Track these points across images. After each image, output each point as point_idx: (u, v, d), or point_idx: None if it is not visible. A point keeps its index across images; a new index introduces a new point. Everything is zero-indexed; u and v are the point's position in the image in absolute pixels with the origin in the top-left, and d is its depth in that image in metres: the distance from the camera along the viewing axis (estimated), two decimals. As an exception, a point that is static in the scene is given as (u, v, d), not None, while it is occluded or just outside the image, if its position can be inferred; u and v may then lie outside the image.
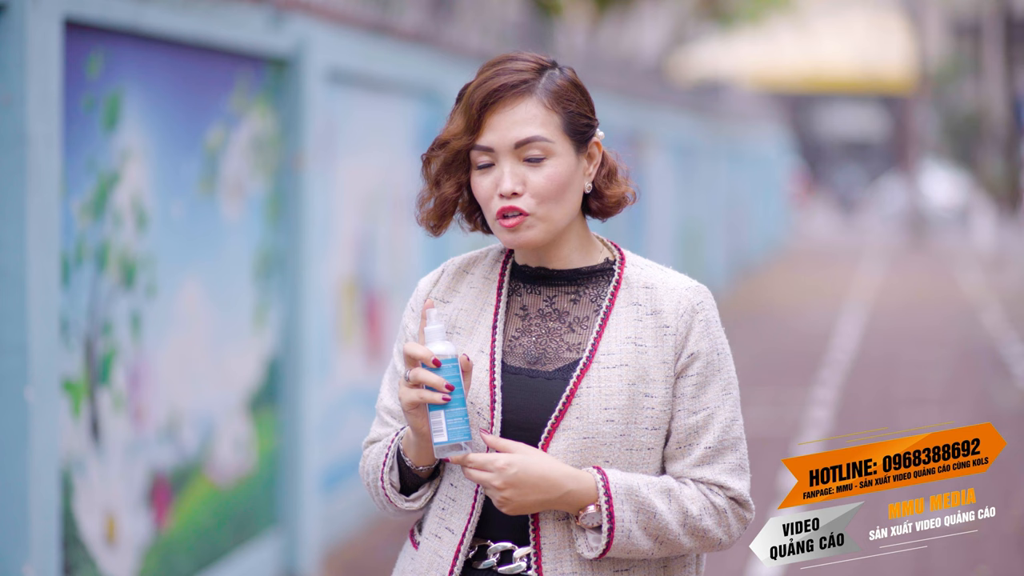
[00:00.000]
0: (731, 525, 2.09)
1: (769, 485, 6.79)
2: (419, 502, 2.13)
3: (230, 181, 4.95)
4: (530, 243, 2.08)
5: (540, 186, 2.05)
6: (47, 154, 3.68)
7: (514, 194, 2.05)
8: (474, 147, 2.07)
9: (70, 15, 3.85)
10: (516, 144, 2.05)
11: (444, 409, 2.00)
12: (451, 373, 2.01)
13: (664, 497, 2.05)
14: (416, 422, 2.04)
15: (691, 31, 21.29)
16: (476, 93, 2.06)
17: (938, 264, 20.70)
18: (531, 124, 2.05)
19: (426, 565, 2.12)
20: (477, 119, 2.05)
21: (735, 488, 2.09)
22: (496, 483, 2.00)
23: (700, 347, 2.09)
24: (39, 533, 3.66)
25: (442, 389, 2.00)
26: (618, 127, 10.57)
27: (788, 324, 13.49)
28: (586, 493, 2.03)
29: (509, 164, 2.06)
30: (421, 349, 2.02)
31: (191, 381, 4.63)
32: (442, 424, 2.01)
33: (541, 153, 2.06)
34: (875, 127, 44.31)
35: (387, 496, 2.14)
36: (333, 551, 5.74)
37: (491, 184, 2.07)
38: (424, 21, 7.15)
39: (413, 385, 2.02)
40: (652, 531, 2.04)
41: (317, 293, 5.54)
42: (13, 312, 3.62)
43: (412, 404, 2.02)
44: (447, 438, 2.00)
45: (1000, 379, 10.01)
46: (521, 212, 2.06)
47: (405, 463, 2.12)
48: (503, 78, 2.06)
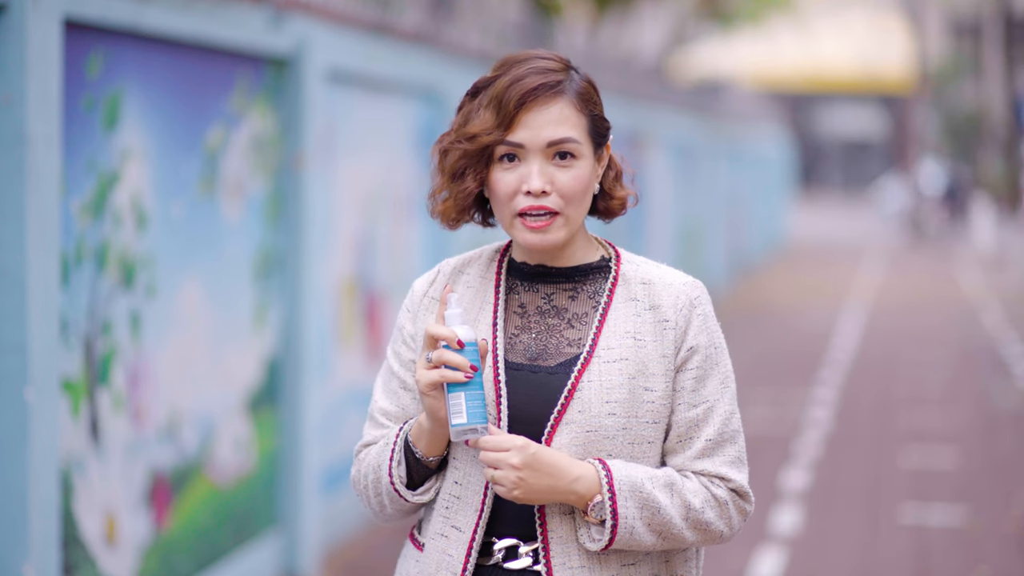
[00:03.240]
0: (732, 517, 2.11)
1: (769, 485, 6.79)
2: (428, 495, 2.13)
3: (230, 181, 4.95)
4: (553, 245, 2.09)
5: (568, 187, 2.07)
6: (47, 154, 3.68)
7: (543, 192, 2.06)
8: (504, 143, 2.07)
9: (70, 15, 3.85)
10: (549, 143, 2.07)
11: (465, 390, 2.01)
12: (472, 356, 2.03)
13: (667, 491, 2.06)
14: (433, 404, 2.05)
15: (691, 31, 21.30)
16: (511, 90, 2.06)
17: (938, 264, 20.70)
18: (564, 125, 2.07)
19: (434, 565, 2.12)
20: (512, 116, 2.06)
21: (736, 480, 2.11)
22: (514, 461, 2.01)
23: (699, 341, 2.12)
24: (39, 533, 3.66)
25: (466, 368, 2.01)
26: (618, 127, 10.56)
27: (788, 324, 13.49)
28: (593, 483, 2.04)
29: (539, 163, 2.07)
30: (445, 330, 2.03)
31: (191, 381, 4.63)
32: (462, 405, 2.01)
33: (571, 153, 2.08)
34: (875, 127, 44.32)
35: (395, 490, 2.13)
36: (333, 551, 5.74)
37: (515, 180, 2.08)
38: (424, 21, 7.15)
39: (434, 366, 2.03)
40: (655, 526, 2.06)
41: (317, 293, 5.54)
42: (13, 312, 3.62)
43: (432, 385, 2.03)
44: (467, 420, 2.01)
45: (1000, 379, 10.01)
46: (551, 212, 2.07)
47: (414, 455, 2.12)
48: (538, 77, 2.07)
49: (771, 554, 5.71)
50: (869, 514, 6.39)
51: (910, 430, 8.23)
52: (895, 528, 6.14)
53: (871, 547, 5.85)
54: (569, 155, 2.08)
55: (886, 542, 5.92)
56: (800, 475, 7.07)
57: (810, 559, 5.69)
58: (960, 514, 6.33)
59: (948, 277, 18.51)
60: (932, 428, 8.26)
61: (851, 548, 5.84)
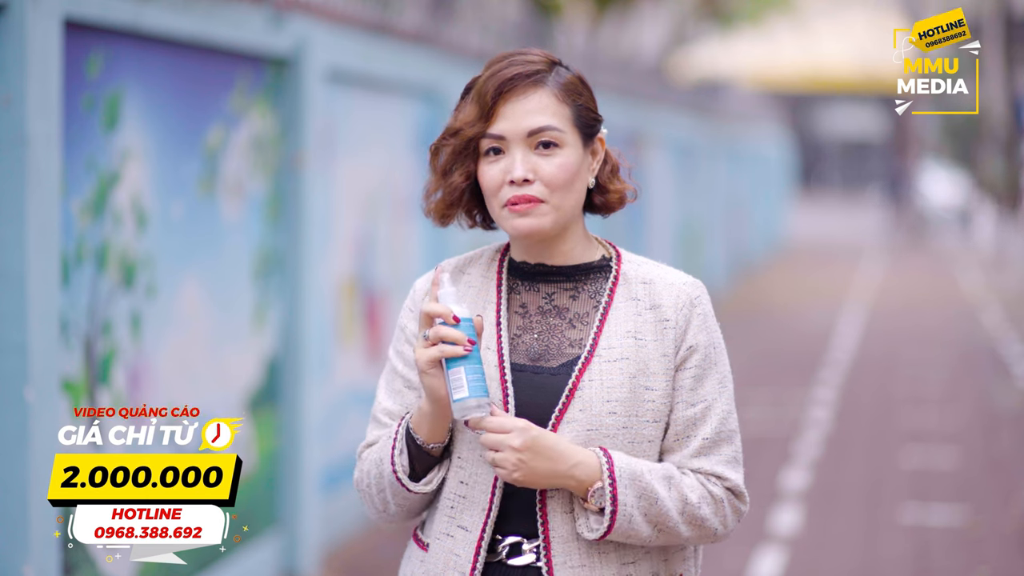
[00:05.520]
0: (727, 516, 2.12)
1: (769, 485, 6.79)
2: (431, 485, 2.13)
3: (230, 181, 4.95)
4: (539, 231, 2.10)
5: (551, 174, 2.08)
6: (47, 154, 3.68)
7: (525, 181, 2.07)
8: (485, 135, 2.08)
9: (70, 15, 3.85)
10: (529, 132, 2.08)
11: (464, 364, 2.02)
12: (469, 331, 2.04)
13: (665, 484, 2.08)
14: (433, 383, 2.05)
15: (691, 31, 21.29)
16: (490, 82, 2.08)
17: (938, 264, 20.70)
18: (544, 113, 2.08)
19: (441, 565, 2.12)
20: (491, 107, 2.08)
21: (732, 479, 2.12)
22: (515, 443, 2.02)
23: (699, 340, 2.12)
24: (39, 533, 3.66)
25: (463, 342, 2.02)
26: (618, 127, 10.57)
27: (788, 324, 13.49)
28: (592, 471, 2.05)
29: (521, 152, 2.08)
30: (439, 306, 2.05)
31: (191, 381, 4.63)
32: (463, 379, 2.02)
33: (553, 142, 2.08)
34: (875, 127, 44.31)
35: (398, 479, 2.12)
36: (333, 551, 5.74)
37: (500, 172, 2.09)
38: (424, 21, 7.15)
39: (432, 343, 2.03)
40: (652, 517, 2.06)
41: (317, 293, 5.54)
42: (13, 312, 3.62)
43: (431, 362, 2.04)
44: (468, 393, 2.02)
45: (1000, 379, 10.01)
46: (535, 199, 2.08)
47: (416, 442, 2.11)
48: (516, 68, 2.09)
49: (771, 554, 5.71)
50: (869, 514, 6.39)
51: (910, 430, 8.23)
52: (895, 528, 6.14)
53: (871, 547, 5.85)
54: (552, 144, 2.08)
55: (886, 542, 5.92)
56: (800, 475, 7.07)
57: (810, 559, 5.69)
58: (960, 514, 6.33)
59: (948, 277, 18.51)
60: (932, 428, 8.26)
61: (851, 548, 5.83)
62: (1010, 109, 24.09)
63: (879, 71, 35.27)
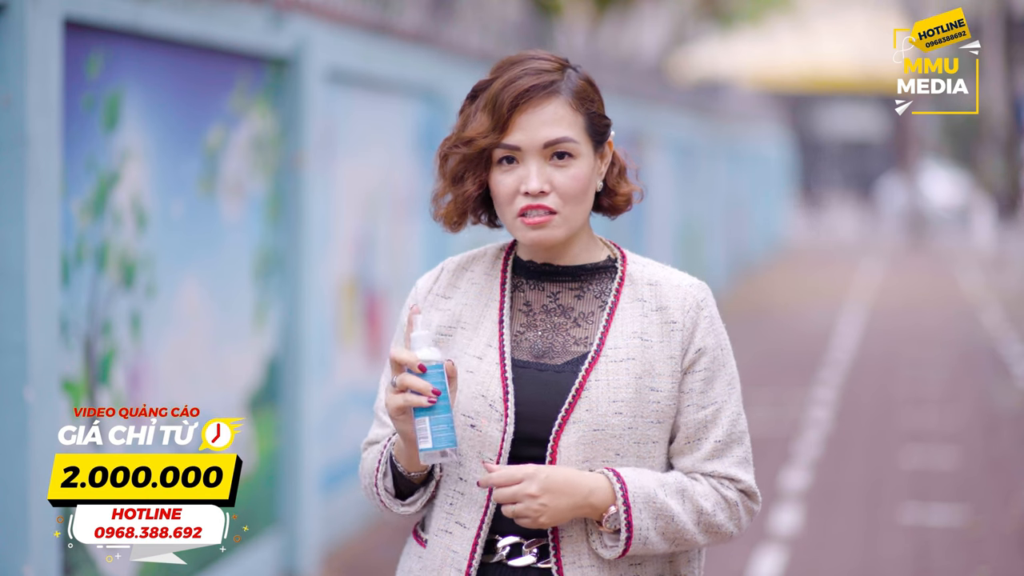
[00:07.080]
0: (741, 518, 2.13)
1: (770, 485, 6.79)
2: (415, 506, 2.15)
3: (230, 181, 4.95)
4: (552, 242, 2.10)
5: (566, 186, 2.08)
6: (47, 154, 3.68)
7: (541, 193, 2.07)
8: (500, 146, 2.08)
9: (70, 15, 3.84)
10: (545, 144, 2.07)
11: (429, 415, 2.01)
12: (437, 379, 2.02)
13: (679, 498, 2.08)
14: (404, 427, 2.05)
15: (691, 31, 21.29)
16: (505, 92, 2.07)
17: (938, 264, 20.70)
18: (560, 125, 2.08)
19: (439, 561, 2.13)
20: (507, 118, 2.07)
21: (745, 480, 2.12)
22: (532, 490, 2.02)
23: (707, 343, 2.12)
24: (39, 533, 3.66)
25: (428, 393, 2.00)
26: (618, 127, 10.53)
27: (788, 324, 13.49)
28: (606, 495, 2.05)
29: (536, 164, 2.08)
30: (407, 354, 2.03)
31: (191, 381, 4.63)
32: (427, 431, 2.01)
33: (568, 152, 2.08)
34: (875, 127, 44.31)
35: (382, 502, 2.15)
36: (333, 551, 5.74)
37: (514, 182, 2.08)
38: (424, 21, 7.15)
39: (400, 391, 2.03)
40: (669, 534, 2.07)
41: (317, 293, 5.54)
42: (13, 312, 3.62)
43: (398, 409, 2.03)
44: (432, 444, 2.01)
45: (1000, 379, 10.01)
46: (549, 210, 2.07)
47: (397, 469, 2.13)
48: (532, 79, 2.08)
49: (771, 554, 5.71)
50: (869, 514, 6.39)
51: (910, 430, 8.23)
52: (895, 528, 6.14)
53: (871, 547, 5.85)
54: (567, 155, 2.08)
55: (886, 542, 5.92)
56: (800, 475, 7.07)
57: (810, 559, 5.69)
58: (960, 514, 6.33)
59: (948, 277, 18.51)
60: (932, 428, 8.25)
61: (851, 548, 5.83)
62: (1010, 109, 24.10)
63: (879, 71, 35.27)
